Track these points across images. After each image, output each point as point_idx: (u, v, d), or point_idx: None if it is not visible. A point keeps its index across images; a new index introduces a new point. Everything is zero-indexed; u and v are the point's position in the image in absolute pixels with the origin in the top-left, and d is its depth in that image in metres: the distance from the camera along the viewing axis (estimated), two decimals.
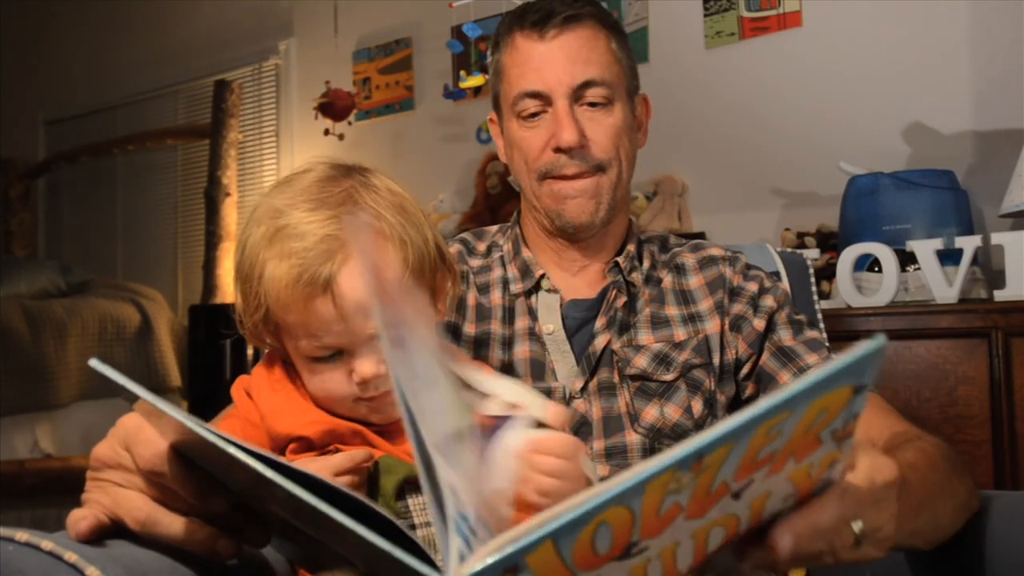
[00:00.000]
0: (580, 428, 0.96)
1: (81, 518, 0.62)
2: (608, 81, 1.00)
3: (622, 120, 1.01)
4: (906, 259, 1.83)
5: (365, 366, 0.74)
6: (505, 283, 1.05)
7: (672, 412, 0.96)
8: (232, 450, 0.51)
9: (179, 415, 0.54)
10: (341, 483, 0.62)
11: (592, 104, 0.99)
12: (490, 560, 0.42)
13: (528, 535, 0.42)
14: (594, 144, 0.99)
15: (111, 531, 0.63)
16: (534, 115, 1.00)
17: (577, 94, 0.99)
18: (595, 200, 1.00)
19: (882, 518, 0.61)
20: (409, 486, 0.73)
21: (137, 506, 0.62)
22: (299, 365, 0.77)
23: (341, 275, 0.72)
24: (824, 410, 0.50)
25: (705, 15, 2.54)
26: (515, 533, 0.43)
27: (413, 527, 0.72)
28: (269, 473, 0.50)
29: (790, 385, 0.46)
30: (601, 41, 1.01)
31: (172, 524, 0.62)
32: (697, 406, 0.97)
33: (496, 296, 1.04)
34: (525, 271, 1.05)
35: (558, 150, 0.98)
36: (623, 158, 1.02)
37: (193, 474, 0.62)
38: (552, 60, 0.98)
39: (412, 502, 0.73)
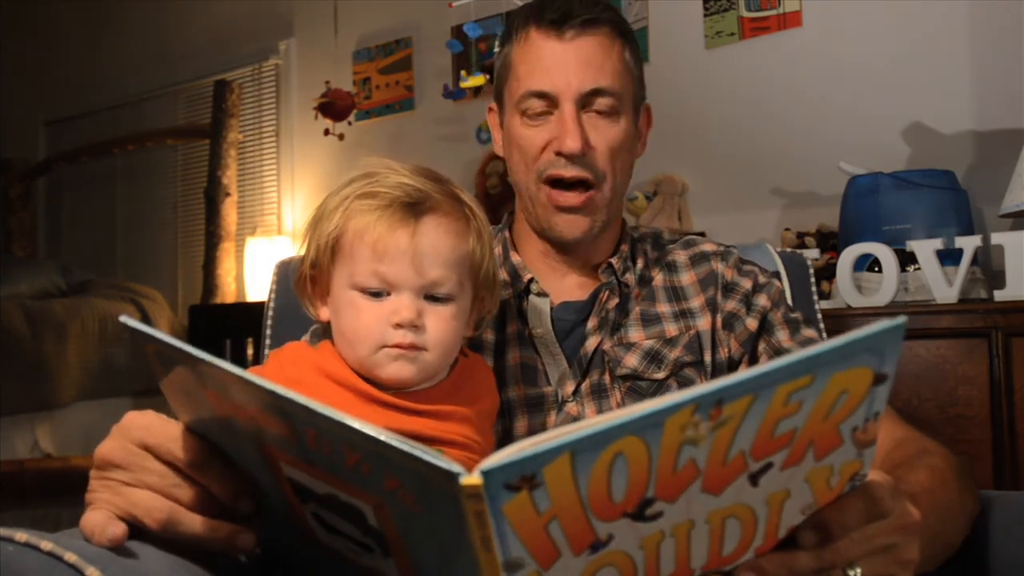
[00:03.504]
0: None
1: (106, 523, 0.59)
2: (617, 92, 0.98)
3: (624, 133, 0.99)
4: (906, 259, 1.83)
5: (406, 309, 0.76)
6: None
7: None
8: (266, 384, 0.50)
9: (206, 356, 0.52)
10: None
11: (598, 112, 0.97)
12: (507, 460, 0.42)
13: (547, 442, 0.42)
14: (594, 152, 0.97)
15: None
16: (539, 114, 0.98)
17: (585, 100, 0.97)
18: (590, 218, 0.99)
19: (894, 566, 0.59)
20: None
21: (156, 506, 0.61)
22: (340, 303, 0.79)
23: (428, 218, 0.78)
24: (845, 391, 0.49)
25: (705, 15, 2.54)
26: (535, 440, 0.44)
27: None
28: (305, 401, 0.48)
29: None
30: (616, 50, 0.99)
31: (193, 522, 0.62)
32: None
33: None
34: (515, 275, 1.03)
35: (559, 154, 0.97)
36: (617, 173, 1.00)
37: (228, 473, 0.62)
38: (565, 62, 0.96)
39: None
